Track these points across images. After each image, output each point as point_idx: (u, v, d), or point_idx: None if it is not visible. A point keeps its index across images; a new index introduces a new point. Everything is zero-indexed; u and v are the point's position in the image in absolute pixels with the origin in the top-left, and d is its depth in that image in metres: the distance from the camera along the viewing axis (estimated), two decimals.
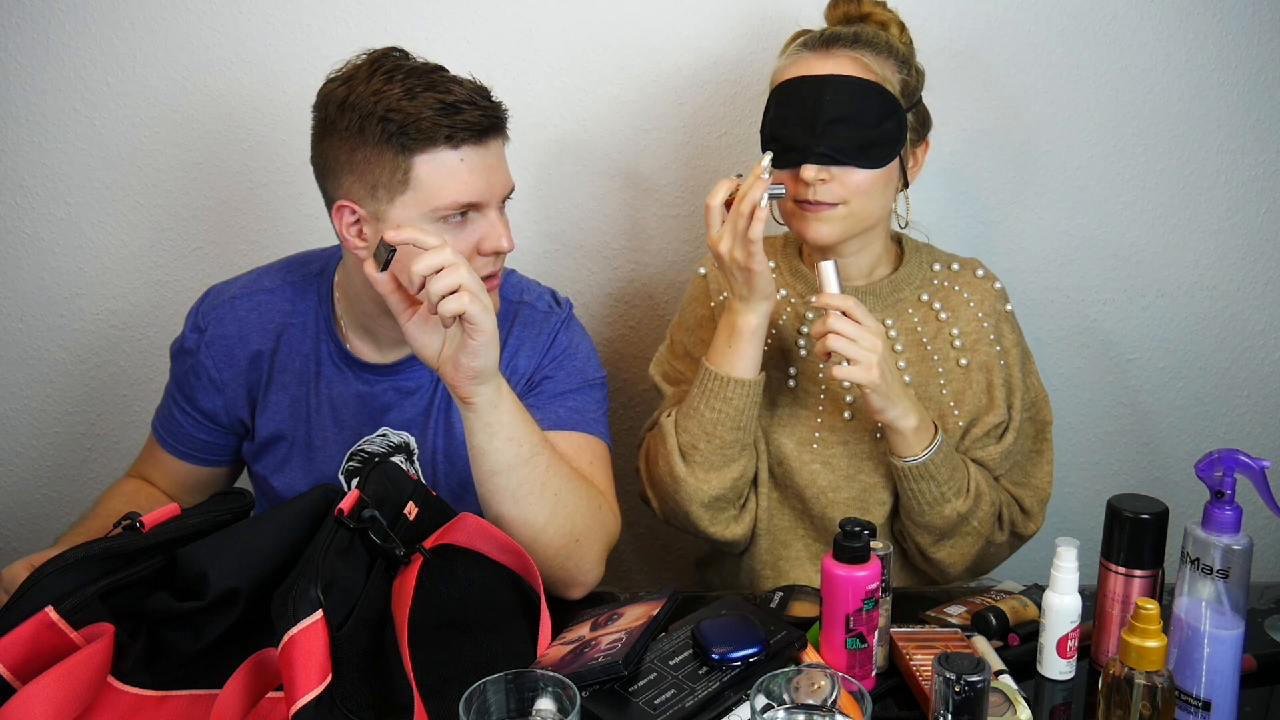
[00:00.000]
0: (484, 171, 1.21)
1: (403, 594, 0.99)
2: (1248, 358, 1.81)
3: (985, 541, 1.37)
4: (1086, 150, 1.72)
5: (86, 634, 0.92)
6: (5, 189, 1.76)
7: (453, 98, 1.18)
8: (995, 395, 1.40)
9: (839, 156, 1.29)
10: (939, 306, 1.43)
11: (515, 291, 1.39)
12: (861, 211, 1.33)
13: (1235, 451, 0.97)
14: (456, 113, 1.18)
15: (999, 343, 1.41)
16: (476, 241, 1.22)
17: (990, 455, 1.39)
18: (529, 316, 1.37)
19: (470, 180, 1.20)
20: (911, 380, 1.40)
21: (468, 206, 1.21)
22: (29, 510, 1.91)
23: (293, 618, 0.88)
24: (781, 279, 1.47)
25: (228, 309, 1.36)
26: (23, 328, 1.82)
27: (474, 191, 1.20)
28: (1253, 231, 1.75)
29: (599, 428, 1.35)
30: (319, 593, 0.90)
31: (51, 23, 1.68)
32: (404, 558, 1.03)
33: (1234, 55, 1.67)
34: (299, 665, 0.87)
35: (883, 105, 1.30)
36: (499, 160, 1.24)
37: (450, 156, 1.18)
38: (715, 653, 1.00)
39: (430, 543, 1.06)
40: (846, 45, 1.31)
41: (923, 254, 1.46)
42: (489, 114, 1.21)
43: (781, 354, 1.44)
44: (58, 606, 0.92)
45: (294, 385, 1.36)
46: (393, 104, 1.16)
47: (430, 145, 1.17)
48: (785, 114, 1.32)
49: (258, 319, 1.36)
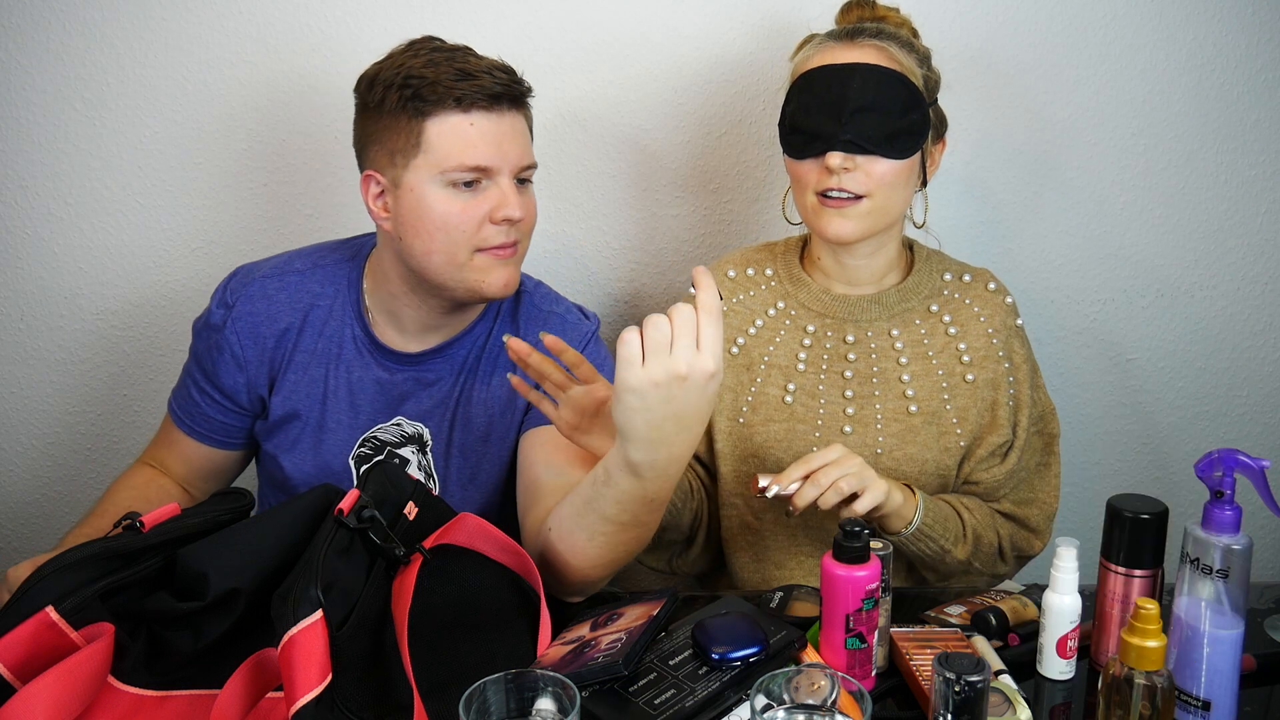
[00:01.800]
0: (495, 137, 1.24)
1: (403, 594, 0.99)
2: (1248, 358, 1.81)
3: (990, 575, 1.38)
4: (1086, 150, 1.72)
5: (87, 634, 0.92)
6: (5, 189, 1.76)
7: (470, 66, 1.23)
8: (999, 414, 1.38)
9: (865, 145, 1.28)
10: (948, 319, 1.41)
11: (546, 302, 1.43)
12: (884, 206, 1.31)
13: (1235, 451, 0.97)
14: (470, 79, 1.22)
15: (1009, 359, 1.40)
16: (489, 209, 1.25)
17: (994, 477, 1.38)
18: (559, 325, 1.39)
19: (480, 144, 1.23)
20: (915, 394, 1.39)
21: (477, 170, 1.24)
22: (29, 510, 1.91)
23: (293, 618, 0.88)
24: (781, 288, 1.45)
25: (257, 287, 1.37)
26: (23, 328, 1.82)
27: (482, 155, 1.23)
28: (1252, 231, 1.75)
29: None
30: (319, 592, 0.90)
31: (51, 23, 1.68)
32: (404, 558, 1.03)
33: (1234, 55, 1.67)
34: (299, 665, 0.86)
35: (908, 96, 1.29)
36: (513, 131, 1.26)
37: (460, 120, 1.23)
38: (715, 652, 1.00)
39: (430, 543, 1.06)
40: (872, 36, 1.31)
41: (933, 262, 1.44)
42: (504, 84, 1.24)
43: (779, 369, 1.42)
44: (58, 606, 0.91)
45: (314, 365, 1.37)
46: (413, 71, 1.22)
47: (441, 107, 1.22)
48: (809, 103, 1.31)
49: (286, 298, 1.37)
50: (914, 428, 1.38)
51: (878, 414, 1.38)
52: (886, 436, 1.38)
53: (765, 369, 1.42)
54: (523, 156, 1.28)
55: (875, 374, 1.40)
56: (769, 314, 1.45)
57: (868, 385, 1.39)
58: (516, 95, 1.26)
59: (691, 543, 1.46)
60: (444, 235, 1.25)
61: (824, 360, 1.41)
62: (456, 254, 1.26)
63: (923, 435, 1.37)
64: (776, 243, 1.51)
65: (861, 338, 1.41)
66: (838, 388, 1.40)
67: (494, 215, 1.25)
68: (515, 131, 1.26)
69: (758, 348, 1.43)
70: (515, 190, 1.27)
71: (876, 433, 1.38)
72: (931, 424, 1.38)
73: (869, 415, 1.39)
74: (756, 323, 1.45)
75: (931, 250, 1.47)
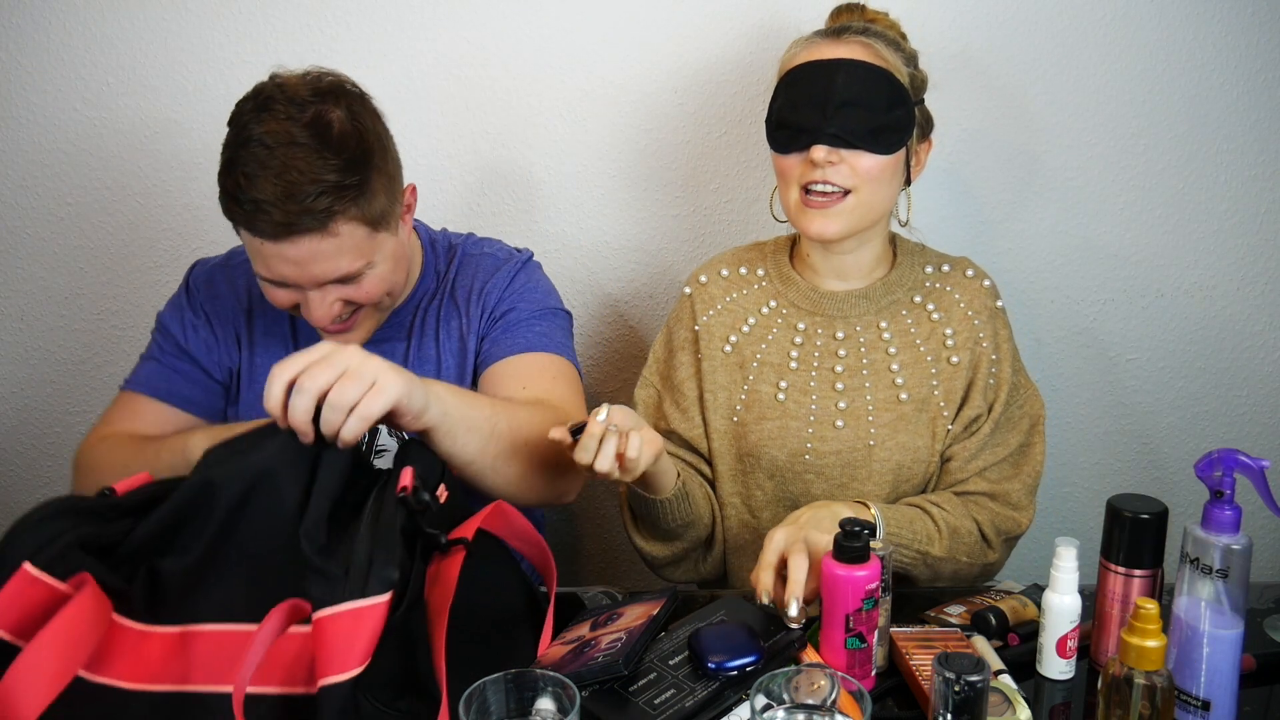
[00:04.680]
0: (290, 263, 1.20)
1: (446, 584, 0.94)
2: (1247, 358, 1.81)
3: (981, 565, 1.37)
4: (1086, 150, 1.72)
5: (74, 583, 0.90)
6: (5, 189, 1.76)
7: (255, 193, 1.15)
8: (974, 390, 1.39)
9: (850, 138, 1.29)
10: (932, 308, 1.42)
11: (476, 246, 1.46)
12: (868, 202, 1.32)
13: (1235, 451, 0.97)
14: (256, 210, 1.16)
15: (990, 339, 1.41)
16: (293, 304, 1.26)
17: (968, 450, 1.38)
18: (491, 263, 1.43)
19: (276, 267, 1.21)
20: (905, 382, 1.39)
21: (278, 282, 1.23)
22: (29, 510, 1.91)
23: (360, 590, 0.85)
24: (772, 287, 1.46)
25: (217, 272, 1.43)
26: (23, 328, 1.82)
27: (280, 276, 1.22)
28: (1252, 232, 1.75)
29: (564, 350, 1.39)
30: (395, 572, 0.87)
31: (51, 23, 1.69)
32: (446, 546, 0.98)
33: (1233, 55, 1.67)
34: (344, 640, 0.83)
35: (893, 92, 1.30)
36: (312, 255, 1.19)
37: (253, 240, 1.21)
38: (711, 662, 1.00)
39: (468, 529, 1.01)
40: (858, 33, 1.32)
41: (915, 256, 1.46)
42: (294, 217, 1.16)
43: (771, 367, 1.43)
44: (34, 560, 0.90)
45: (277, 346, 1.39)
46: (223, 166, 1.20)
47: (233, 220, 1.21)
48: (795, 98, 1.32)
49: (243, 278, 1.41)
50: (905, 415, 1.39)
51: (869, 405, 1.39)
52: (878, 427, 1.38)
53: (758, 367, 1.43)
54: (326, 273, 1.21)
55: (865, 366, 1.41)
56: (761, 312, 1.45)
57: (858, 378, 1.40)
58: (312, 224, 1.17)
59: (712, 542, 1.46)
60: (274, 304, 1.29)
61: (815, 357, 1.42)
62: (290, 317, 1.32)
63: (913, 423, 1.38)
64: (766, 242, 1.52)
65: (851, 333, 1.42)
66: (829, 382, 1.41)
67: (299, 312, 1.27)
68: (314, 254, 1.19)
69: (749, 346, 1.44)
70: (320, 298, 1.23)
71: (868, 424, 1.39)
72: (922, 411, 1.38)
73: (860, 407, 1.39)
74: (749, 321, 1.45)
75: (913, 244, 1.48)
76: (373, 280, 1.26)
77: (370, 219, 1.22)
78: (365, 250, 1.23)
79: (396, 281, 1.31)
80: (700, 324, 1.46)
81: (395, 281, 1.30)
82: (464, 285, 1.41)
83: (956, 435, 1.39)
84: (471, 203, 1.77)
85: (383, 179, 1.24)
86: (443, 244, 1.46)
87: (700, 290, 1.48)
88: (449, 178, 1.75)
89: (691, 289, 1.49)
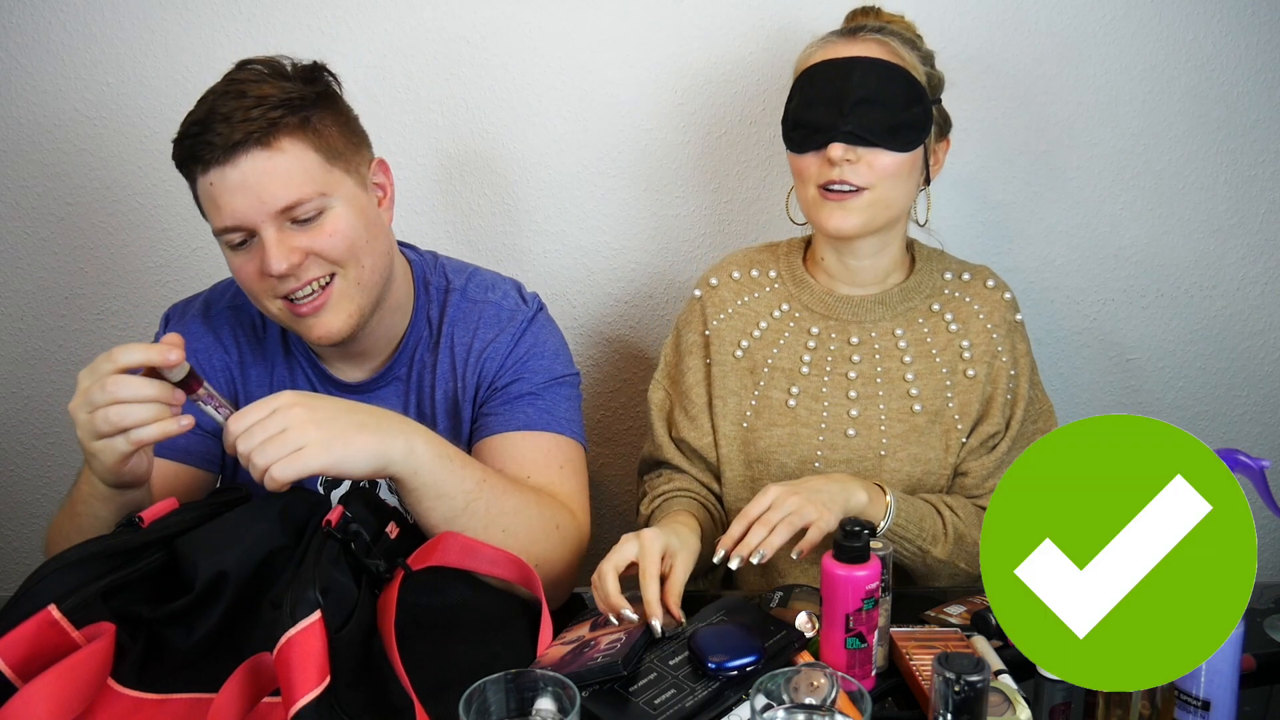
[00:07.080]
0: (239, 192, 1.12)
1: (386, 611, 0.98)
2: (1247, 358, 1.81)
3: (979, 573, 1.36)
4: (1086, 150, 1.72)
5: (88, 633, 0.92)
6: (5, 189, 1.76)
7: (200, 116, 1.12)
8: (993, 406, 1.38)
9: (867, 136, 1.28)
10: (950, 317, 1.41)
11: (479, 291, 1.34)
12: (885, 199, 1.31)
13: (1235, 451, 0.97)
14: (202, 132, 1.11)
15: (1008, 354, 1.40)
16: (258, 266, 1.16)
17: (984, 466, 1.38)
18: (493, 316, 1.32)
19: (226, 203, 1.13)
20: (920, 393, 1.38)
21: (233, 231, 1.15)
22: (29, 510, 1.91)
23: (290, 619, 0.88)
24: (784, 290, 1.45)
25: (194, 323, 1.34)
26: (23, 328, 1.82)
27: (232, 215, 1.14)
28: (1252, 231, 1.75)
29: (570, 427, 1.30)
30: (318, 594, 0.90)
31: (51, 23, 1.69)
32: (387, 573, 1.01)
33: (1233, 55, 1.67)
34: (297, 666, 0.86)
35: (909, 90, 1.30)
36: (262, 175, 1.12)
37: (203, 183, 1.14)
38: (711, 662, 1.00)
39: (413, 561, 1.04)
40: (874, 33, 1.32)
41: (934, 262, 1.44)
42: (237, 130, 1.10)
43: (783, 372, 1.42)
44: (60, 605, 0.91)
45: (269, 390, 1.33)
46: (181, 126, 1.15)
47: (188, 173, 1.16)
48: (811, 97, 1.31)
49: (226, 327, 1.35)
50: (918, 427, 1.37)
51: (881, 414, 1.38)
52: (890, 437, 1.37)
53: (769, 372, 1.42)
54: (277, 198, 1.13)
55: (879, 374, 1.39)
56: (773, 316, 1.44)
57: (871, 386, 1.39)
58: (261, 133, 1.11)
59: None
60: (248, 290, 1.22)
61: (828, 362, 1.41)
62: (267, 306, 1.21)
63: (926, 434, 1.37)
64: (779, 243, 1.50)
65: (865, 339, 1.41)
66: (841, 389, 1.40)
67: (263, 270, 1.16)
68: (264, 174, 1.12)
69: (761, 351, 1.43)
70: (278, 239, 1.14)
71: (880, 434, 1.38)
72: (935, 423, 1.37)
73: (872, 416, 1.38)
74: (761, 324, 1.44)
75: (932, 249, 1.46)
76: (333, 222, 1.17)
77: (320, 146, 1.16)
78: (317, 179, 1.15)
79: (368, 248, 1.21)
80: (711, 328, 1.45)
81: (363, 244, 1.20)
82: (462, 340, 1.31)
83: (972, 449, 1.38)
84: (471, 203, 1.77)
85: (338, 119, 1.20)
86: (437, 285, 1.35)
87: (711, 294, 1.46)
88: (449, 178, 1.75)
89: (702, 292, 1.47)
